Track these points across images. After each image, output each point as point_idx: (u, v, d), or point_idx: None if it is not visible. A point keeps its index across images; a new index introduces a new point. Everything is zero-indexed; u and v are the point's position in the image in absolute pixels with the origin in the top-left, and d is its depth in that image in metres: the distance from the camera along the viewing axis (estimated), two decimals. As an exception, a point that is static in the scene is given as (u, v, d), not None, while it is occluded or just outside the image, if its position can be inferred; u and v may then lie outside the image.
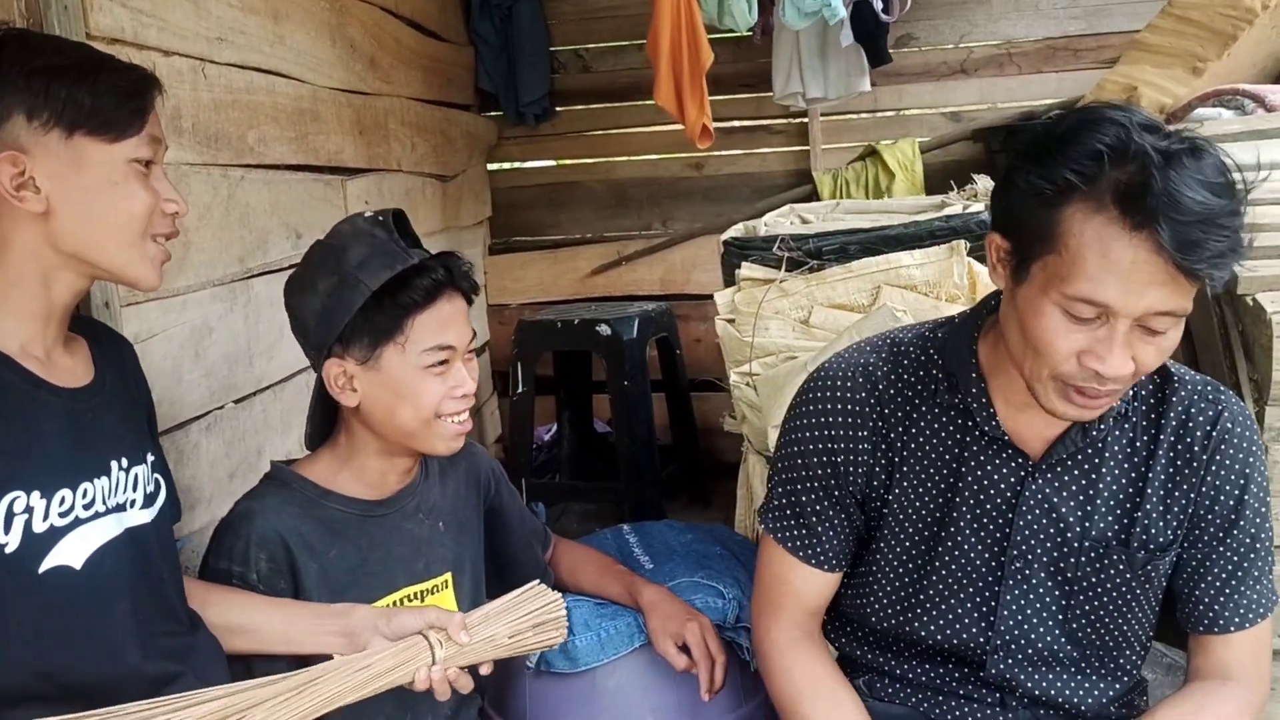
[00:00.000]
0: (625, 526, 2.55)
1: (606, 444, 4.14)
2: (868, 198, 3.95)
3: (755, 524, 2.55)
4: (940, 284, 2.22)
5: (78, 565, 1.33)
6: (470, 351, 1.75)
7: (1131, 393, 1.46)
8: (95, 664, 1.34)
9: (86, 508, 1.34)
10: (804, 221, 2.66)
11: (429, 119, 3.64)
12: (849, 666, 1.70)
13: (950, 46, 4.16)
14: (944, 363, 1.53)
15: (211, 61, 2.19)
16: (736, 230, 2.64)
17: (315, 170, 2.69)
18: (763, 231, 2.55)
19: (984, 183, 2.55)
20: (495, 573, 2.00)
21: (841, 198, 4.01)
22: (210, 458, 2.17)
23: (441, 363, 1.69)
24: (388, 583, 1.78)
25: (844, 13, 2.95)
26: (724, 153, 4.34)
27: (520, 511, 2.07)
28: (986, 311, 1.51)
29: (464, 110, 4.15)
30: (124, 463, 1.40)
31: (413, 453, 1.79)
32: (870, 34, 3.46)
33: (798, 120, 4.24)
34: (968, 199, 2.57)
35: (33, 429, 1.30)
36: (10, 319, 1.30)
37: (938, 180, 4.04)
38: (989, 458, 1.50)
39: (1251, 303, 1.69)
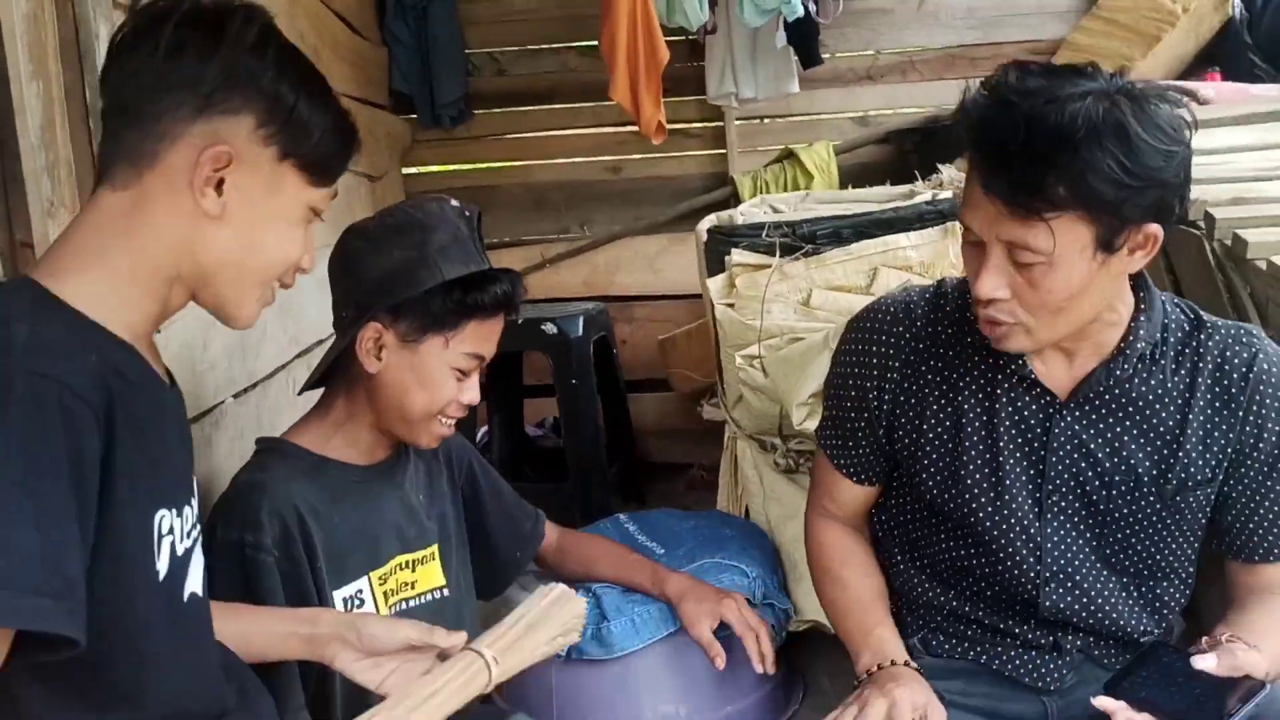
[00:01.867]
0: (622, 516, 2.56)
1: (537, 448, 4.11)
2: (789, 198, 4.07)
3: (741, 502, 2.60)
4: (935, 264, 2.31)
5: (201, 591, 1.25)
6: (484, 365, 1.79)
7: (1160, 337, 1.55)
8: (213, 698, 1.27)
9: (195, 526, 1.26)
10: (776, 211, 2.72)
11: (360, 117, 3.54)
12: (910, 613, 1.77)
13: (858, 54, 4.32)
14: None
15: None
16: (711, 220, 2.68)
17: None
18: (740, 220, 2.61)
19: (949, 172, 2.67)
20: (476, 549, 2.00)
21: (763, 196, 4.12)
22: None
23: (468, 370, 1.74)
24: (386, 548, 1.79)
25: (801, 10, 3.05)
26: (640, 156, 4.38)
27: (496, 487, 2.07)
28: None
29: (382, 110, 4.07)
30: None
31: (396, 436, 1.81)
32: (803, 36, 3.57)
33: (713, 124, 4.32)
34: (934, 188, 2.68)
35: (164, 436, 1.19)
36: (131, 311, 1.16)
37: (853, 180, 4.18)
38: (1019, 394, 1.59)
39: (1265, 265, 1.82)
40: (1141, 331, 1.53)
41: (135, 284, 1.15)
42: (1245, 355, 1.56)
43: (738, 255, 2.45)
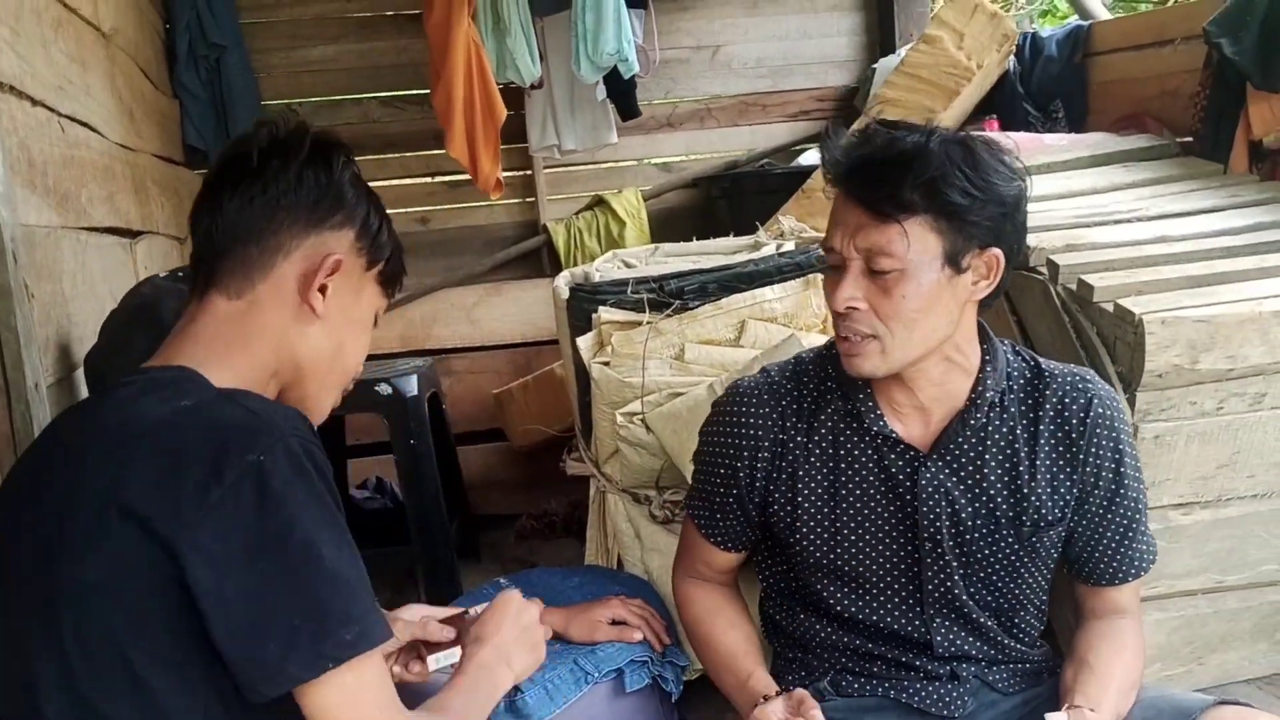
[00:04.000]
0: (502, 580, 2.51)
1: (364, 511, 3.98)
2: (601, 246, 4.14)
3: (613, 555, 2.62)
4: (798, 315, 2.42)
5: None
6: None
7: (1006, 384, 1.70)
8: None
9: None
10: (628, 266, 2.77)
11: (168, 177, 3.37)
12: (816, 657, 1.84)
13: (658, 103, 4.45)
14: (837, 376, 1.74)
15: (58, 113, 1.96)
16: (567, 278, 2.69)
17: (118, 233, 2.44)
18: (599, 278, 2.64)
19: (788, 222, 2.80)
20: None
21: (576, 246, 4.17)
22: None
23: None
24: None
25: (636, 67, 3.11)
26: (449, 206, 4.35)
27: None
28: None
29: (180, 166, 3.86)
30: None
31: None
32: (622, 92, 3.65)
33: (522, 173, 4.34)
34: (775, 238, 2.80)
35: None
36: None
37: (662, 225, 4.32)
38: (885, 452, 1.70)
39: (1112, 308, 2.02)
40: (989, 380, 1.68)
41: (248, 379, 1.28)
42: (1082, 401, 1.71)
43: (605, 313, 2.48)
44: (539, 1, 3.22)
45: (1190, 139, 3.03)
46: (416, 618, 1.73)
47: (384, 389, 3.36)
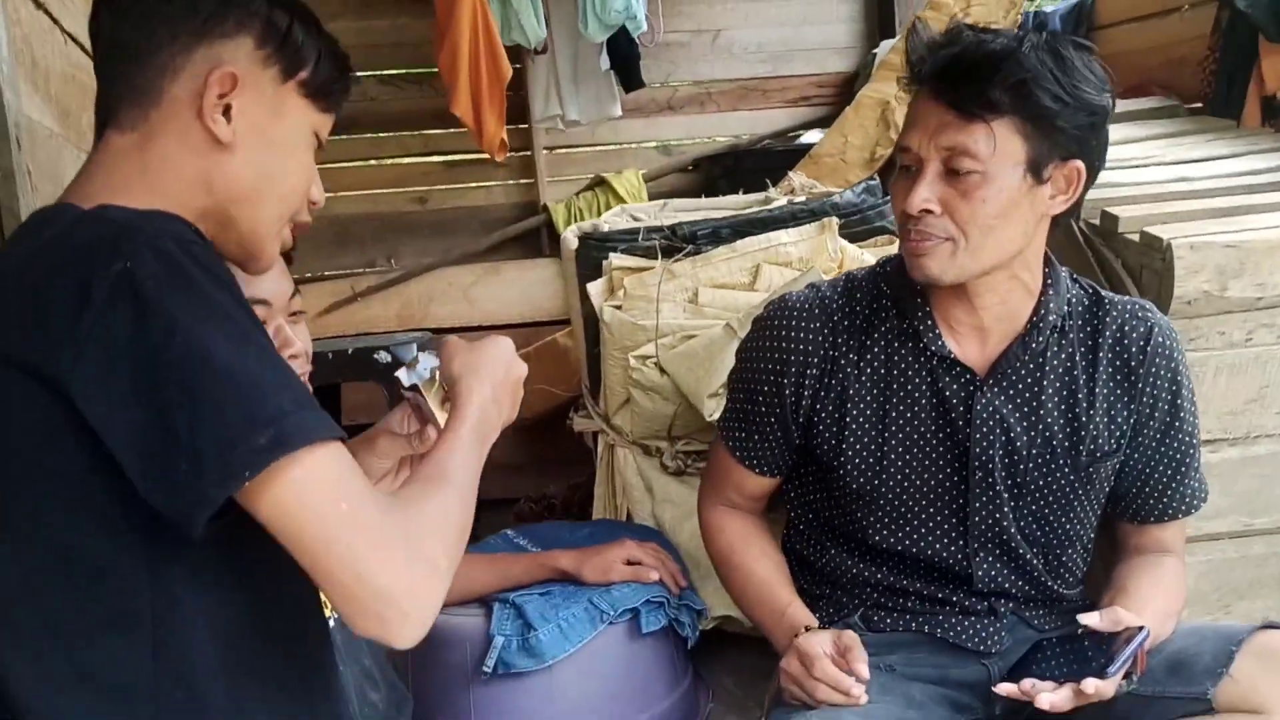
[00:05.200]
0: (509, 531, 2.46)
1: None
2: (603, 224, 4.10)
3: (622, 511, 2.56)
4: (814, 259, 2.38)
5: None
6: (295, 313, 1.59)
7: (1066, 310, 1.65)
8: None
9: None
10: (637, 219, 2.73)
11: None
12: (846, 593, 1.78)
13: (658, 86, 4.43)
14: (892, 293, 1.68)
15: (60, 26, 1.91)
16: (576, 229, 2.66)
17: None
18: (609, 228, 2.60)
19: (798, 179, 2.77)
20: None
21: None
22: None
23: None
24: None
25: (645, 25, 3.09)
26: (447, 186, 4.31)
27: None
28: None
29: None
30: None
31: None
32: (625, 60, 3.63)
33: (521, 154, 4.31)
34: (786, 193, 2.77)
35: None
36: None
37: (663, 206, 4.29)
38: (940, 375, 1.64)
39: (1139, 237, 1.99)
40: (1051, 304, 1.63)
41: None
42: (1142, 329, 1.66)
43: (617, 259, 2.43)
44: (545, -35, 3.20)
45: (1199, 105, 3.01)
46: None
47: (382, 356, 3.29)
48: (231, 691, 1.08)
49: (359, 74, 4.18)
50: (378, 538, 0.98)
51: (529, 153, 4.29)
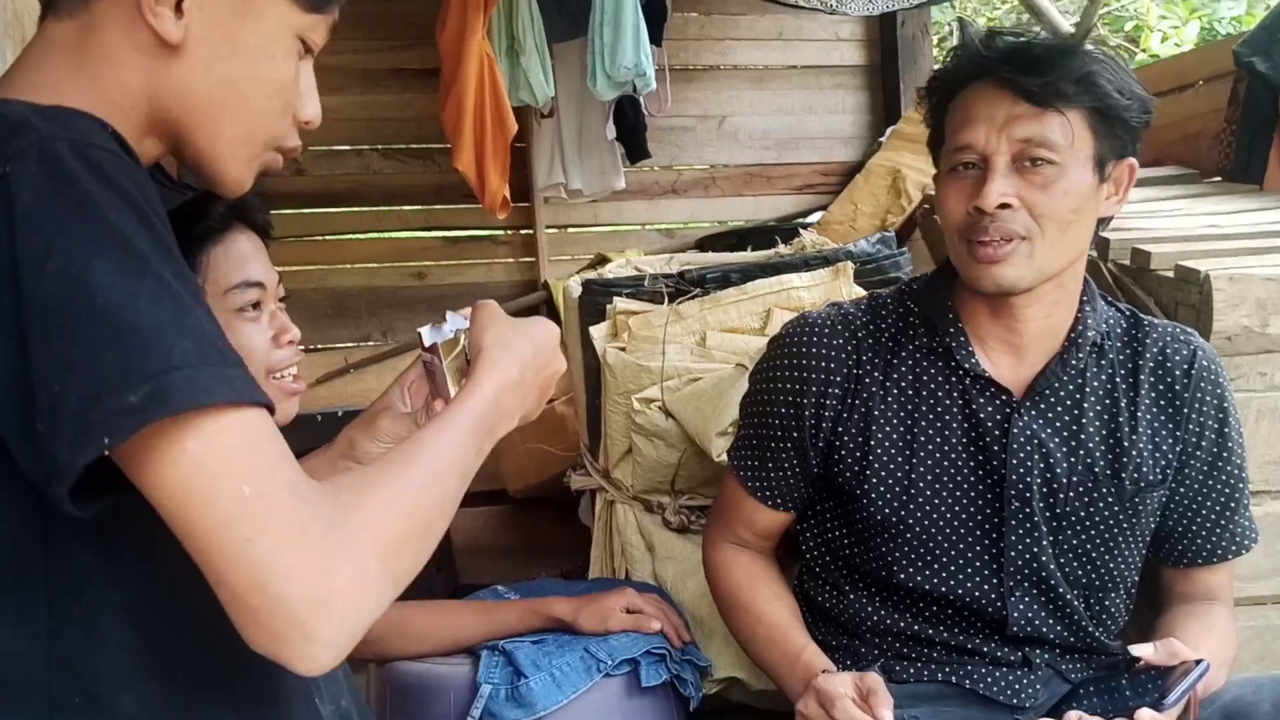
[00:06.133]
0: (500, 587, 2.31)
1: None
2: (602, 303, 4.03)
3: (620, 571, 2.41)
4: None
5: None
6: (282, 299, 1.49)
7: (1105, 329, 1.57)
8: None
9: None
10: (640, 270, 2.64)
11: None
12: (865, 643, 1.64)
13: (662, 169, 4.42)
14: (920, 310, 1.60)
15: None
16: (577, 279, 2.57)
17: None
18: (613, 275, 2.51)
19: (809, 236, 2.69)
20: None
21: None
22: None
23: (254, 305, 1.43)
24: None
25: (654, 84, 3.06)
26: (447, 262, 4.26)
27: None
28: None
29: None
30: None
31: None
32: (631, 130, 3.60)
33: (523, 232, 4.27)
34: (795, 251, 2.68)
35: None
36: None
37: (664, 289, 4.23)
38: (974, 396, 1.54)
39: (1174, 271, 1.90)
40: (1090, 320, 1.54)
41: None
42: (1185, 352, 1.58)
43: (621, 303, 2.34)
44: (554, 28, 3.19)
45: (1217, 179, 2.96)
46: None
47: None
48: (145, 701, 0.89)
49: (362, 147, 4.20)
50: (288, 533, 0.78)
51: (530, 231, 4.25)
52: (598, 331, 2.34)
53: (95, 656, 0.87)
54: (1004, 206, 1.42)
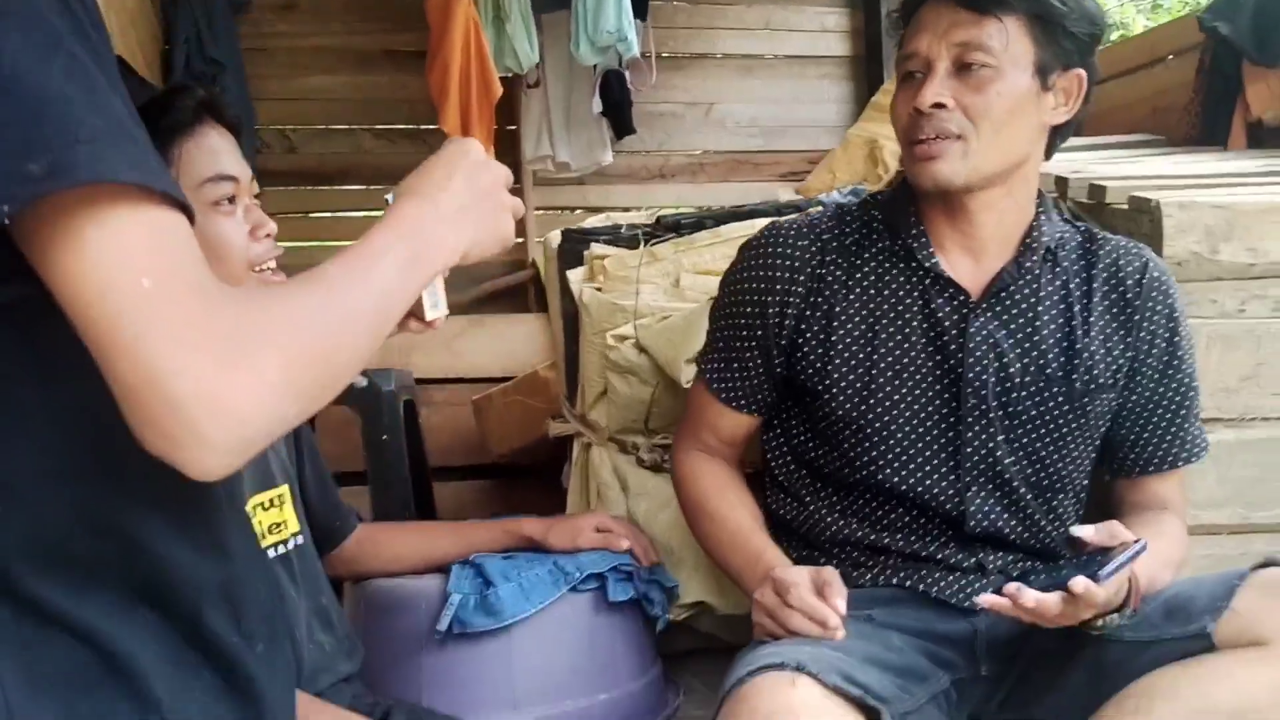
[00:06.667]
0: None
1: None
2: (589, 280, 4.09)
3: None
4: (798, 249, 2.34)
5: None
6: (255, 196, 1.51)
7: (1060, 238, 1.62)
8: None
9: None
10: (617, 223, 2.71)
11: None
12: (823, 552, 1.69)
13: (650, 153, 4.49)
14: (884, 215, 1.66)
15: None
16: (557, 231, 2.63)
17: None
18: (590, 226, 2.58)
19: (787, 195, 2.76)
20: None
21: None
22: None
23: (230, 200, 1.44)
24: (246, 484, 1.55)
25: (636, 49, 3.13)
26: (436, 241, 4.31)
27: (314, 445, 1.84)
28: None
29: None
30: None
31: None
32: (616, 105, 3.67)
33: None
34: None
35: None
36: None
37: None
38: (933, 296, 1.59)
39: (1127, 202, 1.96)
40: (1045, 226, 1.60)
41: None
42: (1137, 264, 1.63)
43: (598, 248, 2.40)
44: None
45: (1185, 147, 3.04)
46: None
47: (359, 381, 3.23)
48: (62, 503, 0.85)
49: (354, 127, 4.27)
50: (184, 329, 0.74)
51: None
52: (574, 275, 2.40)
53: (16, 454, 0.83)
54: (940, 106, 1.49)
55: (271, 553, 1.57)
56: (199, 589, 0.90)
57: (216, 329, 0.75)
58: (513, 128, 4.03)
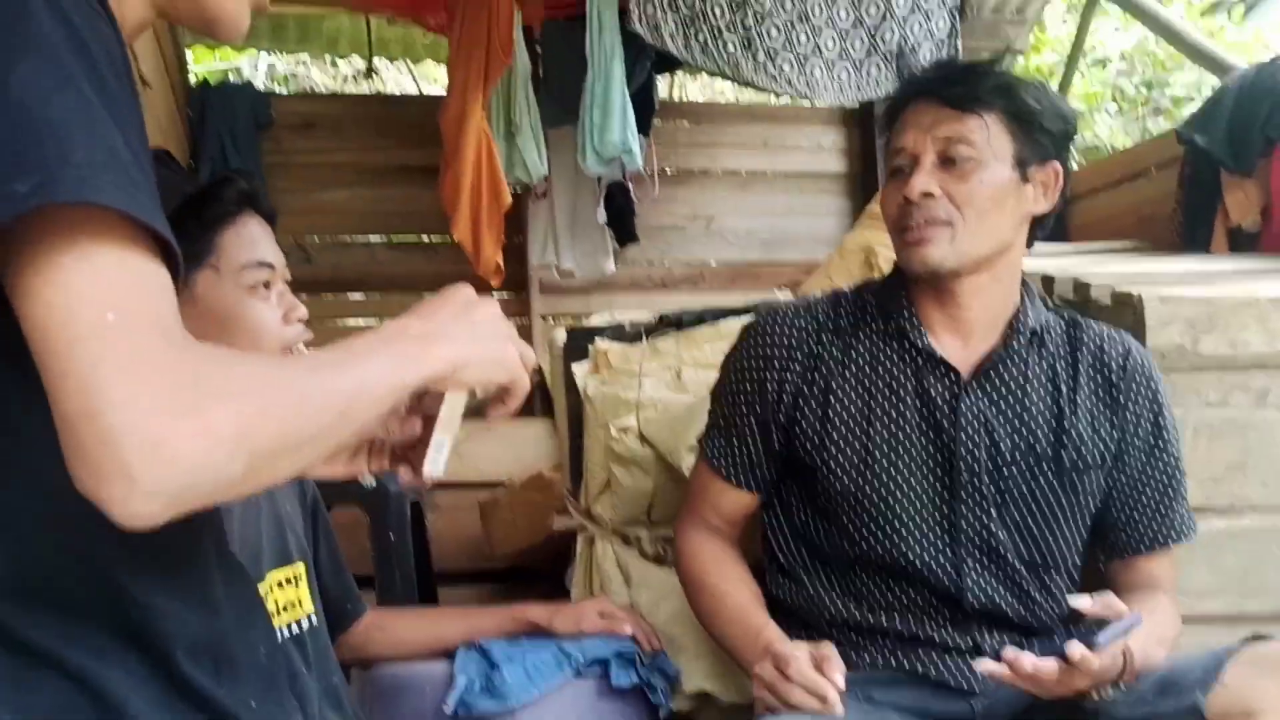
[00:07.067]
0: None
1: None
2: (594, 388, 4.16)
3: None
4: (797, 347, 2.42)
5: None
6: (287, 282, 1.58)
7: (1044, 323, 1.71)
8: None
9: None
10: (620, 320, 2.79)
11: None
12: (822, 633, 1.71)
13: (653, 264, 4.61)
14: (877, 300, 1.75)
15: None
16: (562, 329, 2.71)
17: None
18: (594, 323, 2.66)
19: (785, 296, 2.85)
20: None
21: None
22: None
23: (265, 285, 1.52)
24: (264, 560, 1.61)
25: (639, 162, 3.26)
26: (445, 349, 4.39)
27: (329, 524, 1.91)
28: None
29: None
30: None
31: None
32: (620, 214, 3.80)
33: (519, 320, 4.42)
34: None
35: None
36: None
37: (654, 375, 4.37)
38: (925, 374, 1.67)
39: (1110, 297, 2.04)
40: (1030, 311, 1.69)
41: None
42: (1120, 348, 1.72)
43: (602, 343, 2.47)
44: (549, 113, 3.42)
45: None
46: None
47: (367, 480, 3.27)
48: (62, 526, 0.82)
49: (369, 239, 4.41)
50: (139, 365, 0.71)
51: (525, 319, 4.41)
52: (579, 368, 2.47)
53: (4, 494, 0.83)
54: (928, 195, 1.60)
55: (285, 632, 1.60)
56: (175, 639, 0.88)
57: (175, 372, 0.72)
58: (520, 240, 4.16)
